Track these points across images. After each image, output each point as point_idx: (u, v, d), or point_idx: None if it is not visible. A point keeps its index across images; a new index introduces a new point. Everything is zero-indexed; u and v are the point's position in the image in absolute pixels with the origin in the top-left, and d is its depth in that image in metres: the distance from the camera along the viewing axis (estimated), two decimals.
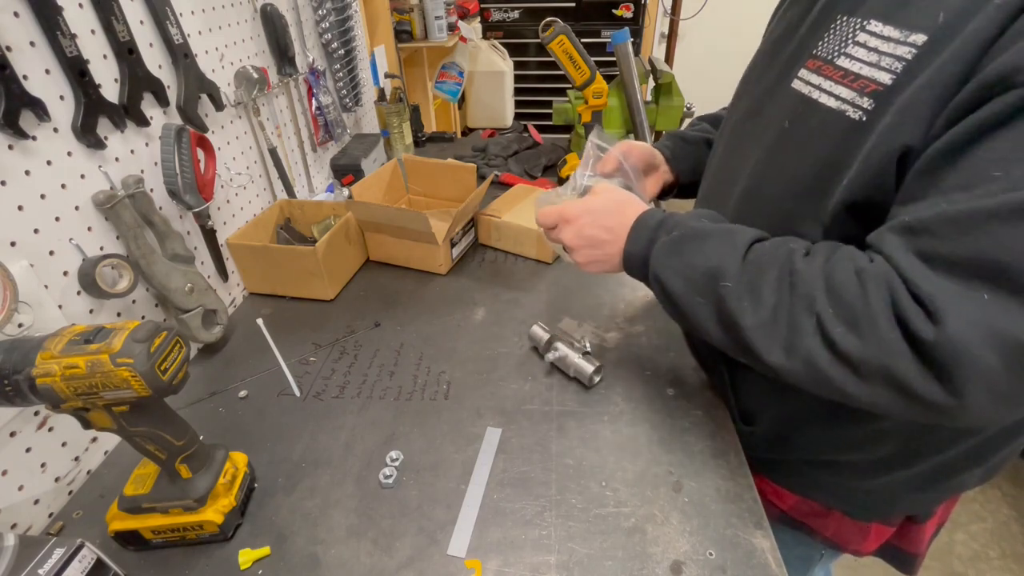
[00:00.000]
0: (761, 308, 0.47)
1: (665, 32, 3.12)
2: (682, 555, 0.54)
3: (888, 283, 0.40)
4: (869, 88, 0.46)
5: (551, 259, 1.04)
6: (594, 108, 1.22)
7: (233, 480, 0.59)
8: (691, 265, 0.52)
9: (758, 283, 0.47)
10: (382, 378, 0.79)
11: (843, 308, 0.42)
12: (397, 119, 1.45)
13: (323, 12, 1.20)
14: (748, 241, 0.51)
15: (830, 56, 0.50)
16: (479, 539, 0.57)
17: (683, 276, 0.53)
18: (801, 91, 0.53)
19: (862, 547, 0.69)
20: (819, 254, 0.47)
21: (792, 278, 0.46)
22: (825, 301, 0.43)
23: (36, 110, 0.59)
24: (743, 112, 0.64)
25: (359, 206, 1.00)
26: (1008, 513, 1.67)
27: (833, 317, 0.42)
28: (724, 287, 0.49)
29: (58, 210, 0.63)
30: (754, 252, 0.50)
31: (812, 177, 0.52)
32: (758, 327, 0.47)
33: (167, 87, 0.78)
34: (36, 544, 0.44)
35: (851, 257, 0.44)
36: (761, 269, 0.48)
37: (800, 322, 0.44)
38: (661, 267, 0.55)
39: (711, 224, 0.55)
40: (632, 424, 0.69)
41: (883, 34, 0.45)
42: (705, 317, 0.52)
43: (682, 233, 0.54)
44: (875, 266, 0.42)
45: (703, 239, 0.53)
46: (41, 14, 0.59)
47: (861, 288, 0.41)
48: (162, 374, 0.46)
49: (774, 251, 0.49)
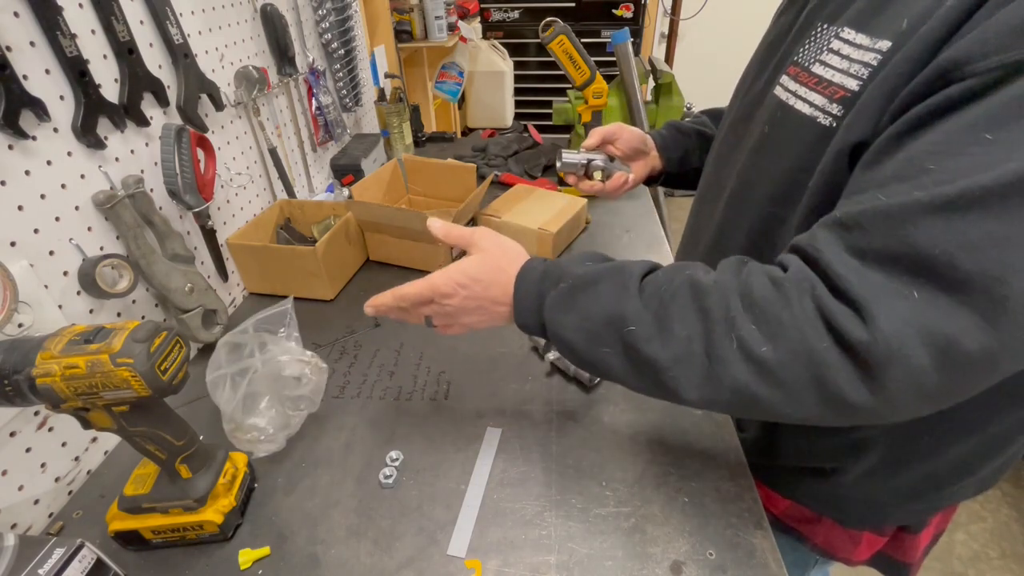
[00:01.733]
0: (674, 343, 0.43)
1: (665, 32, 3.12)
2: (682, 555, 0.54)
3: (811, 288, 0.38)
4: (838, 95, 0.46)
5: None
6: (594, 108, 1.22)
7: (233, 480, 0.59)
8: (587, 316, 0.47)
9: (665, 317, 0.44)
10: (382, 378, 0.79)
11: (766, 323, 0.39)
12: (397, 119, 1.45)
13: (323, 12, 1.20)
14: (639, 275, 0.47)
15: (807, 63, 0.51)
16: (479, 539, 0.57)
17: (582, 329, 0.48)
18: (780, 97, 0.54)
19: (853, 555, 0.68)
20: (726, 271, 0.44)
21: (700, 302, 0.43)
22: (746, 320, 0.40)
23: (36, 110, 0.59)
24: (734, 117, 0.65)
25: (359, 206, 1.00)
26: (1008, 513, 1.67)
27: (757, 335, 0.39)
28: (629, 332, 0.45)
29: (58, 210, 0.63)
30: (649, 285, 0.46)
31: (786, 182, 0.52)
32: (675, 364, 0.43)
33: (167, 87, 0.78)
34: (36, 544, 0.44)
35: (762, 270, 0.42)
36: (663, 302, 0.44)
37: (721, 348, 0.41)
38: (557, 324, 0.49)
39: (595, 266, 0.50)
40: (632, 424, 0.69)
41: (855, 41, 0.46)
42: (617, 367, 0.47)
43: (571, 284, 0.49)
44: (791, 275, 0.40)
45: (594, 284, 0.48)
46: (41, 14, 0.59)
47: (783, 298, 0.39)
48: (162, 374, 0.46)
49: (671, 280, 0.46)
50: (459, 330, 0.58)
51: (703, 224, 0.70)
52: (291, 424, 0.67)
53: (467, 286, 0.53)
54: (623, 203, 1.25)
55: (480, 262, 0.55)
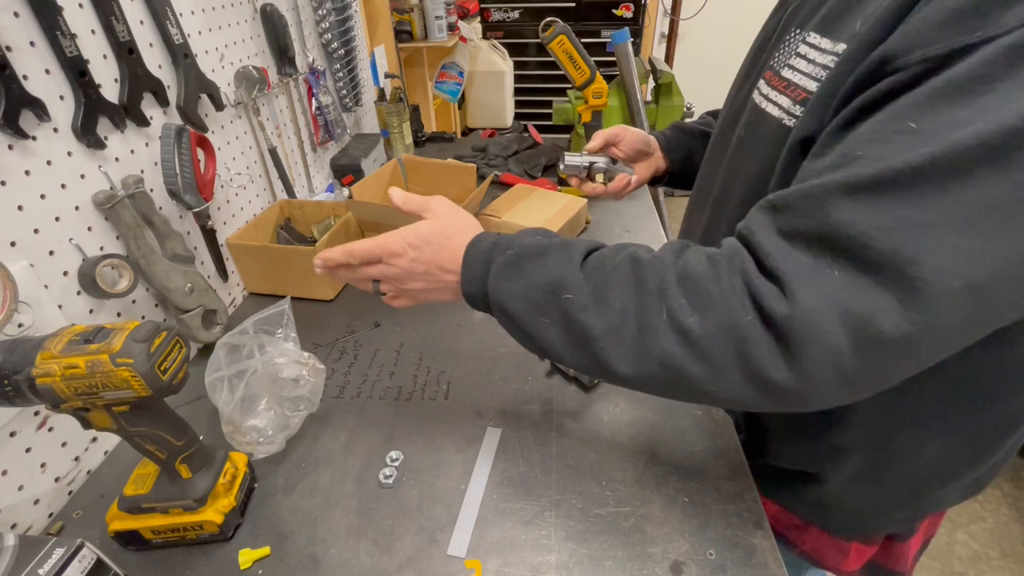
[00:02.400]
0: (609, 313, 0.43)
1: (665, 32, 3.12)
2: (682, 555, 0.54)
3: (739, 263, 0.40)
4: (800, 96, 0.48)
5: None
6: (594, 108, 1.22)
7: (233, 480, 0.59)
8: (530, 284, 0.47)
9: (603, 288, 0.44)
10: (382, 378, 0.79)
11: (696, 296, 0.40)
12: (397, 119, 1.45)
13: (323, 12, 1.20)
14: (585, 250, 0.48)
15: (779, 68, 0.52)
16: (479, 539, 0.57)
17: (523, 297, 0.48)
18: (755, 100, 0.55)
19: (843, 565, 0.68)
20: (666, 250, 0.45)
21: (637, 275, 0.43)
22: (677, 292, 0.41)
23: (36, 110, 0.59)
24: (722, 120, 0.67)
25: (359, 206, 1.00)
26: (1008, 513, 1.67)
27: (686, 307, 0.40)
28: (566, 299, 0.45)
29: (58, 210, 0.63)
30: (593, 259, 0.47)
31: (757, 184, 0.53)
32: (607, 334, 0.43)
33: (167, 87, 0.78)
34: (36, 544, 0.44)
35: (702, 250, 0.44)
36: (605, 273, 0.45)
37: (651, 319, 0.41)
38: (500, 292, 0.49)
39: (545, 239, 0.51)
40: (632, 424, 0.69)
41: (819, 45, 0.47)
42: (553, 337, 0.47)
43: (518, 252, 0.49)
44: (724, 251, 0.41)
45: (541, 255, 0.48)
46: (41, 14, 0.59)
47: (714, 271, 0.40)
48: (162, 374, 0.46)
49: (614, 254, 0.47)
50: (406, 301, 0.57)
51: (694, 226, 0.71)
52: (290, 425, 0.67)
53: (417, 247, 0.53)
54: (623, 203, 1.25)
55: (432, 226, 0.54)
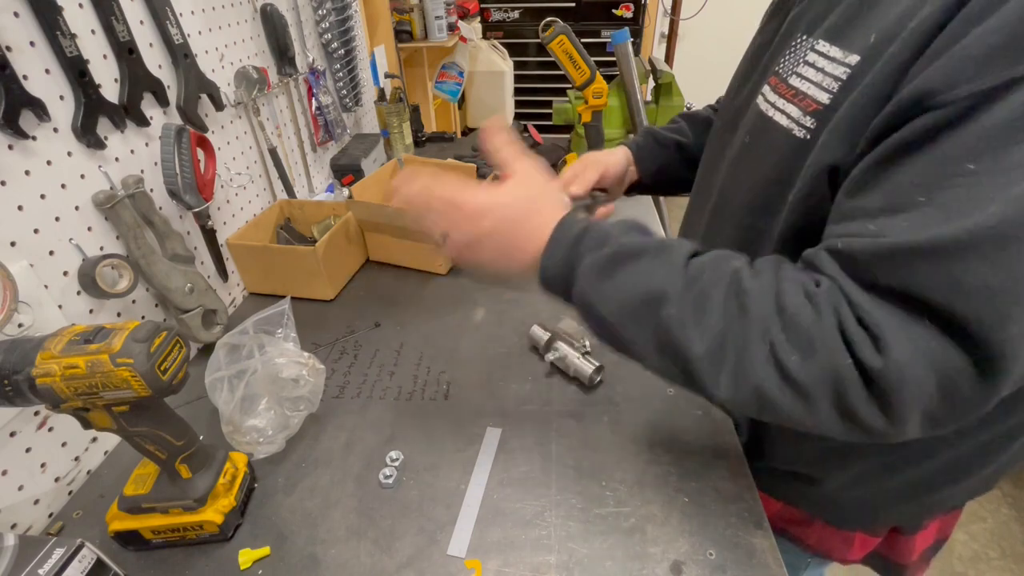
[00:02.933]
0: (708, 334, 0.42)
1: (665, 32, 3.12)
2: (682, 555, 0.54)
3: (836, 308, 0.40)
4: (811, 107, 0.47)
5: None
6: (594, 108, 1.22)
7: (233, 480, 0.59)
8: (626, 289, 0.46)
9: (704, 306, 0.43)
10: (382, 378, 0.79)
11: (796, 334, 0.40)
12: (397, 119, 1.45)
13: (323, 12, 1.20)
14: (686, 256, 0.46)
15: (786, 75, 0.51)
16: (479, 539, 0.57)
17: (617, 301, 0.46)
18: (761, 107, 0.54)
19: (847, 556, 0.69)
20: (765, 272, 0.44)
21: (740, 299, 0.42)
22: (778, 327, 0.41)
23: (36, 110, 0.59)
24: (720, 125, 0.66)
25: (359, 206, 1.00)
26: (1008, 513, 1.67)
27: (787, 344, 0.40)
28: (667, 313, 0.44)
29: (58, 210, 0.63)
30: (694, 268, 0.45)
31: (763, 193, 0.53)
32: (705, 356, 0.42)
33: (167, 87, 0.78)
34: (36, 544, 0.44)
35: (798, 279, 0.42)
36: (705, 291, 0.44)
37: (751, 348, 0.41)
38: (590, 292, 0.47)
39: (641, 238, 0.48)
40: (632, 424, 0.69)
41: (829, 54, 0.46)
42: (643, 345, 0.46)
43: (613, 251, 0.47)
44: (823, 290, 0.41)
45: (637, 257, 0.46)
46: (41, 14, 0.59)
47: (813, 312, 0.40)
48: (162, 374, 0.46)
49: (716, 268, 0.45)
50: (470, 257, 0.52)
51: (692, 232, 0.70)
52: (290, 425, 0.67)
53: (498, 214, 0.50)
54: (623, 203, 1.25)
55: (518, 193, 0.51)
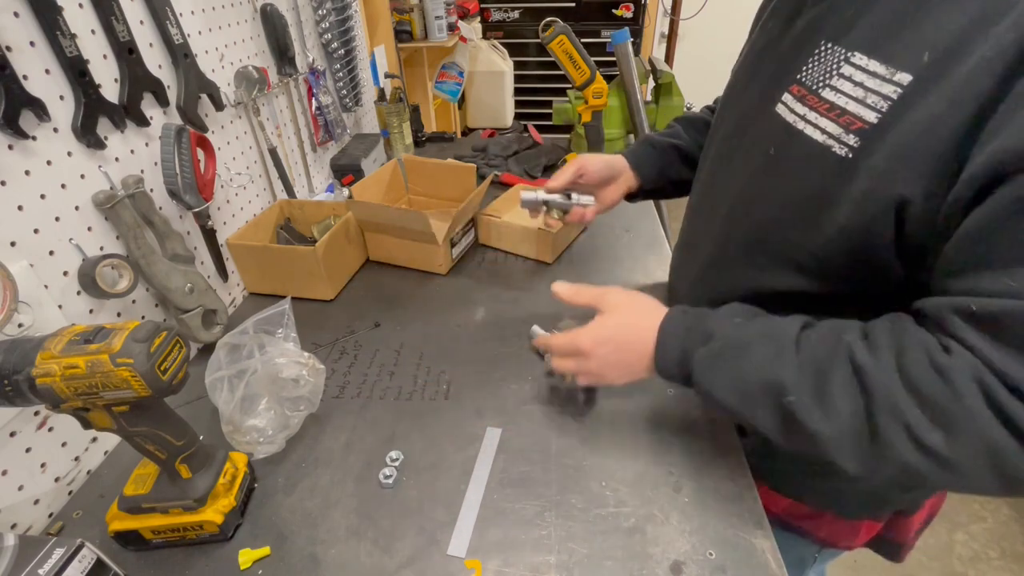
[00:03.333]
0: (836, 418, 0.44)
1: (665, 32, 3.12)
2: (682, 555, 0.54)
3: (978, 379, 0.38)
4: (855, 125, 0.45)
5: (551, 259, 1.04)
6: (594, 108, 1.22)
7: (233, 480, 0.59)
8: (743, 380, 0.49)
9: (824, 389, 0.44)
10: (382, 378, 0.79)
11: (935, 412, 0.40)
12: (397, 119, 1.45)
13: (323, 12, 1.20)
14: (794, 339, 0.48)
15: (815, 86, 0.49)
16: (479, 539, 0.57)
17: (736, 391, 0.50)
18: (785, 118, 0.52)
19: (853, 543, 0.71)
20: (883, 346, 0.44)
21: (861, 379, 0.43)
22: (911, 405, 0.41)
23: (36, 110, 0.59)
24: (729, 128, 0.64)
25: (359, 206, 1.00)
26: (1008, 513, 1.67)
27: (925, 422, 0.40)
28: (788, 401, 0.46)
29: (58, 210, 0.63)
30: (806, 350, 0.47)
31: (798, 208, 0.51)
32: (836, 438, 0.44)
33: (167, 87, 0.78)
34: (36, 544, 0.44)
35: (923, 348, 0.42)
36: (822, 372, 0.45)
37: (886, 430, 0.42)
38: (708, 383, 0.52)
39: (746, 325, 0.52)
40: (632, 424, 0.69)
41: (868, 68, 0.45)
42: (769, 426, 0.49)
43: (722, 345, 0.51)
44: (956, 360, 0.40)
45: (746, 348, 0.50)
46: (41, 14, 0.59)
47: (949, 389, 0.39)
48: (162, 374, 0.46)
49: (829, 346, 0.46)
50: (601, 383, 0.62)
51: (700, 237, 0.69)
52: (290, 425, 0.67)
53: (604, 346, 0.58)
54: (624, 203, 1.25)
55: (614, 324, 0.59)
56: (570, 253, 1.07)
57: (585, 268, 1.02)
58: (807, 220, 0.50)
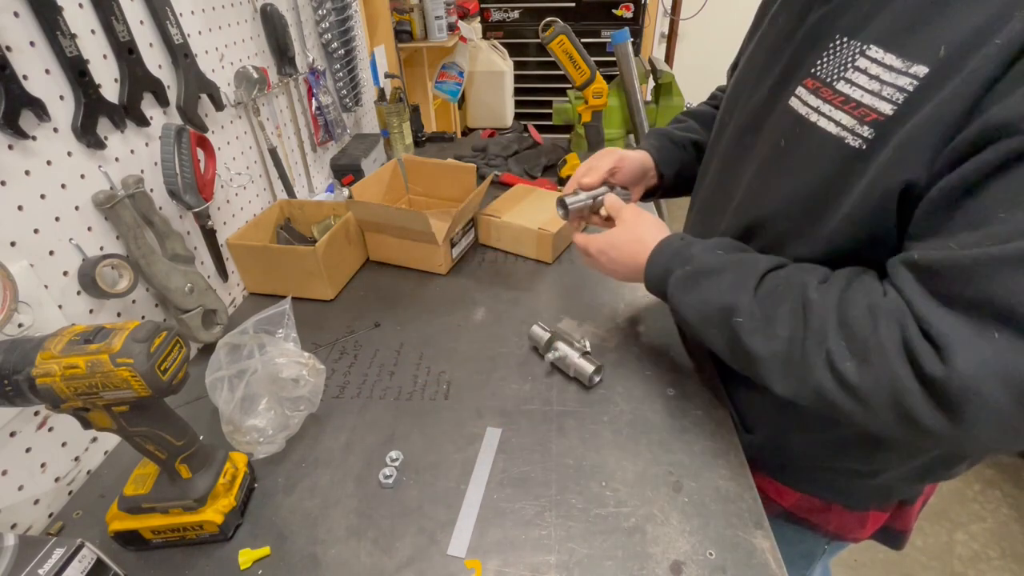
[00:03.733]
0: (774, 341, 0.49)
1: (665, 32, 3.12)
2: (682, 555, 0.54)
3: (899, 319, 0.41)
4: (869, 117, 0.46)
5: (551, 259, 1.04)
6: (594, 108, 1.22)
7: (233, 480, 0.59)
8: (704, 300, 0.55)
9: (771, 316, 0.49)
10: (382, 378, 0.79)
11: (853, 342, 0.43)
12: (397, 119, 1.45)
13: (323, 12, 1.20)
14: (761, 272, 0.52)
15: (829, 78, 0.49)
16: (479, 539, 0.57)
17: (697, 310, 0.56)
18: (798, 111, 0.52)
19: (861, 535, 0.71)
20: (835, 285, 0.47)
21: (805, 311, 0.47)
22: (837, 335, 0.44)
23: (36, 110, 0.59)
24: (740, 124, 0.63)
25: (359, 206, 1.00)
26: (1008, 513, 1.67)
27: (844, 351, 0.44)
28: (736, 323, 0.51)
29: (58, 210, 0.63)
30: (767, 283, 0.51)
31: (807, 200, 0.52)
32: (770, 359, 0.49)
33: (167, 87, 0.78)
34: (36, 544, 0.44)
35: (866, 291, 0.45)
36: (774, 302, 0.50)
37: (811, 357, 0.46)
38: (677, 301, 0.58)
39: (724, 256, 0.56)
40: (632, 424, 0.69)
41: (884, 62, 0.45)
42: (719, 346, 0.55)
43: (695, 268, 0.57)
44: (888, 301, 0.43)
45: (717, 274, 0.55)
46: (41, 14, 0.59)
47: (873, 323, 0.42)
48: (162, 374, 0.46)
49: (788, 281, 0.50)
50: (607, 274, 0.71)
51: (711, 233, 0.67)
52: (290, 425, 0.67)
53: (610, 251, 0.68)
54: None
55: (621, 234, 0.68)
56: (570, 253, 1.07)
57: (585, 268, 1.02)
58: (815, 212, 0.51)
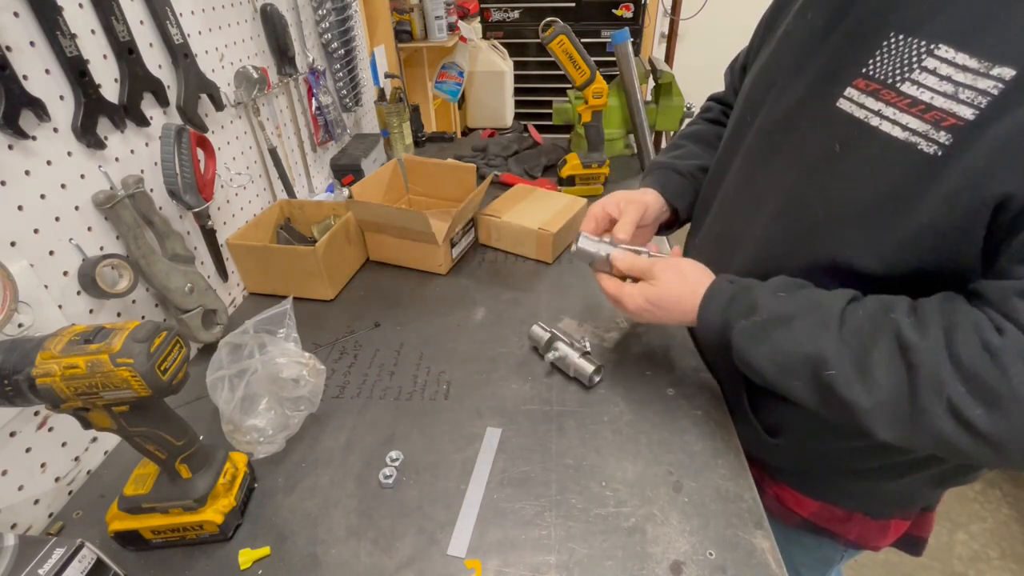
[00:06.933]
0: (877, 390, 0.45)
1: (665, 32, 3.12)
2: (682, 555, 0.54)
3: None
4: (947, 122, 0.42)
5: (551, 259, 1.04)
6: (594, 108, 1.22)
7: (233, 480, 0.59)
8: (783, 352, 0.51)
9: (867, 362, 0.45)
10: (382, 378, 0.79)
11: (979, 389, 0.40)
12: (397, 119, 1.45)
13: (323, 12, 1.20)
14: (838, 313, 0.48)
15: (891, 80, 0.46)
16: (479, 539, 0.57)
17: (773, 362, 0.51)
18: (853, 114, 0.49)
19: (881, 543, 0.70)
20: (932, 324, 0.44)
21: (905, 355, 0.44)
22: (956, 382, 0.41)
23: (36, 110, 0.59)
24: (768, 123, 0.59)
25: (359, 206, 1.00)
26: (1008, 513, 1.67)
27: (968, 399, 0.41)
28: (829, 375, 0.47)
29: (58, 210, 0.63)
30: (849, 324, 0.47)
31: (870, 207, 0.49)
32: (874, 409, 0.45)
33: (167, 87, 0.78)
34: (36, 544, 0.44)
35: (975, 327, 0.42)
36: (865, 346, 0.46)
37: (927, 404, 0.42)
38: (747, 353, 0.53)
39: (790, 299, 0.52)
40: (632, 424, 0.69)
41: (957, 62, 0.42)
42: (806, 397, 0.50)
43: (764, 318, 0.52)
44: (1008, 341, 0.40)
45: (789, 321, 0.50)
46: (41, 14, 0.59)
47: (997, 367, 0.40)
48: (162, 374, 0.46)
49: (874, 320, 0.46)
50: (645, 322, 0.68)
51: (740, 235, 0.64)
52: (290, 425, 0.67)
53: (651, 311, 0.62)
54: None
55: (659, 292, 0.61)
56: (570, 253, 1.07)
57: (585, 268, 1.02)
58: (879, 220, 0.48)
